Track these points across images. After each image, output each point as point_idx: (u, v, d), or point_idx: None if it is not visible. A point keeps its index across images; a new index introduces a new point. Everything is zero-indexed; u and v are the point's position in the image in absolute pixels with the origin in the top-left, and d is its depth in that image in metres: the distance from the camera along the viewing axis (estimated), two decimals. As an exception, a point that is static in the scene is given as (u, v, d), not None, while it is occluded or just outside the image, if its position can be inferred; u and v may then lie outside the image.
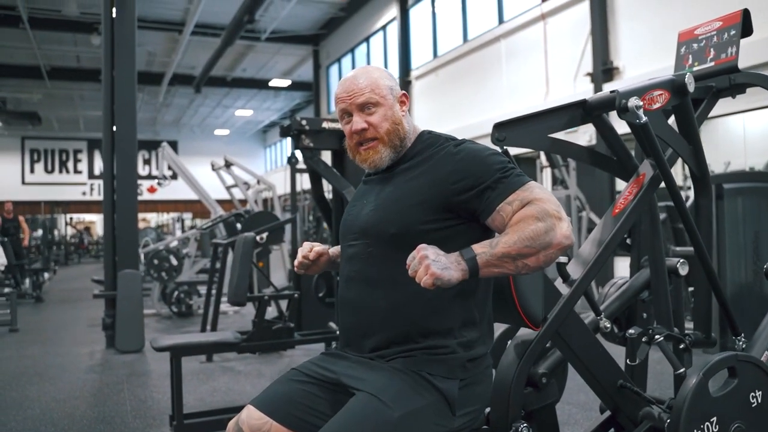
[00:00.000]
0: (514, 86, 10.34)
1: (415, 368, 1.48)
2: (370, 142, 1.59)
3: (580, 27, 8.88)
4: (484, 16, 11.30)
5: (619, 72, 8.34)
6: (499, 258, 1.34)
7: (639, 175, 2.07)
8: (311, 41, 18.27)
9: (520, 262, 1.35)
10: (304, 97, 22.70)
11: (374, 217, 1.56)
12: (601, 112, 2.11)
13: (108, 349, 6.00)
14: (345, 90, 1.60)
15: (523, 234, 1.35)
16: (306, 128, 3.82)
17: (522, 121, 2.10)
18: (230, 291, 3.70)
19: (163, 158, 8.59)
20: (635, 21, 8.14)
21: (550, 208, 1.38)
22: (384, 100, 1.59)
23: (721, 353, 1.71)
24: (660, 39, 7.67)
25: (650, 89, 1.81)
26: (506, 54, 10.63)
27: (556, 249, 1.36)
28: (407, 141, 1.62)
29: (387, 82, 1.61)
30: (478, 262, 1.34)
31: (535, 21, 9.89)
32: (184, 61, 17.61)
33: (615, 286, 2.53)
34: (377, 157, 1.58)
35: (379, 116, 1.58)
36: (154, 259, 7.82)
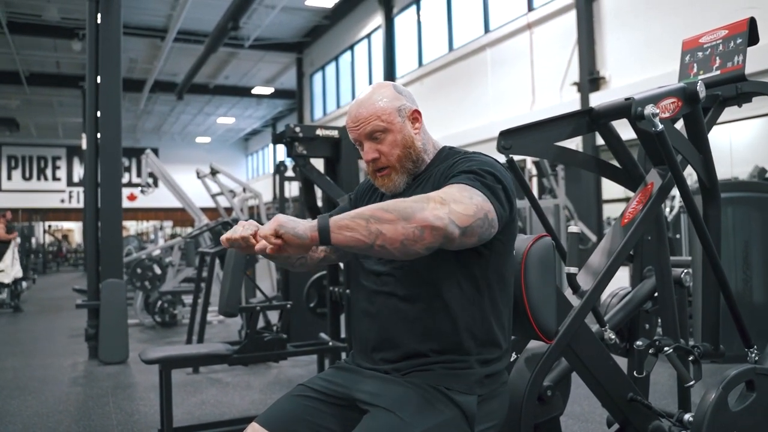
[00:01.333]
0: (500, 95, 10.38)
1: (432, 383, 1.43)
2: (383, 170, 1.56)
3: (566, 37, 8.95)
4: (470, 25, 11.35)
5: (606, 82, 8.41)
6: (352, 218, 1.24)
7: (647, 184, 2.05)
8: (295, 49, 18.23)
9: (373, 227, 1.23)
10: (286, 105, 22.63)
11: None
12: (610, 120, 2.10)
13: (91, 360, 5.86)
14: (353, 119, 1.56)
15: (388, 203, 1.28)
16: (299, 135, 3.77)
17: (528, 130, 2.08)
18: (221, 301, 3.62)
19: (146, 165, 8.47)
20: (622, 31, 8.22)
21: (435, 195, 1.31)
22: (392, 126, 1.54)
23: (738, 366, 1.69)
24: (646, 49, 7.75)
25: (664, 97, 1.79)
26: (492, 63, 10.68)
27: (418, 224, 1.24)
28: (424, 159, 1.58)
29: (394, 104, 1.55)
30: (329, 221, 1.24)
31: (521, 30, 9.95)
32: (166, 67, 17.46)
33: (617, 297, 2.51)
34: (392, 185, 1.56)
35: (389, 144, 1.54)
36: (137, 268, 7.69)
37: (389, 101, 1.55)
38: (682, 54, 2.30)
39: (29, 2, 13.42)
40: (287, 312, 3.95)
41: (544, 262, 1.68)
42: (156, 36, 15.43)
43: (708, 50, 2.23)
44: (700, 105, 1.90)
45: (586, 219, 8.14)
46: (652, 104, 1.72)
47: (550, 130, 2.07)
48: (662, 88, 1.84)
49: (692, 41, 2.30)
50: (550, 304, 1.70)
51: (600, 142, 7.83)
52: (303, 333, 4.82)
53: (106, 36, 6.04)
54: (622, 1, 8.23)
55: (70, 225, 29.65)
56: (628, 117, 1.80)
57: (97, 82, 6.08)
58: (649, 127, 1.69)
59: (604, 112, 2.00)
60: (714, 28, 2.22)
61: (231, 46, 16.03)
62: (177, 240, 8.86)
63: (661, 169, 1.99)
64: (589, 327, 1.98)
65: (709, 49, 2.23)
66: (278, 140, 3.95)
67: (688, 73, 2.28)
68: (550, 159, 2.72)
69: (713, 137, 2.06)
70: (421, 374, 1.45)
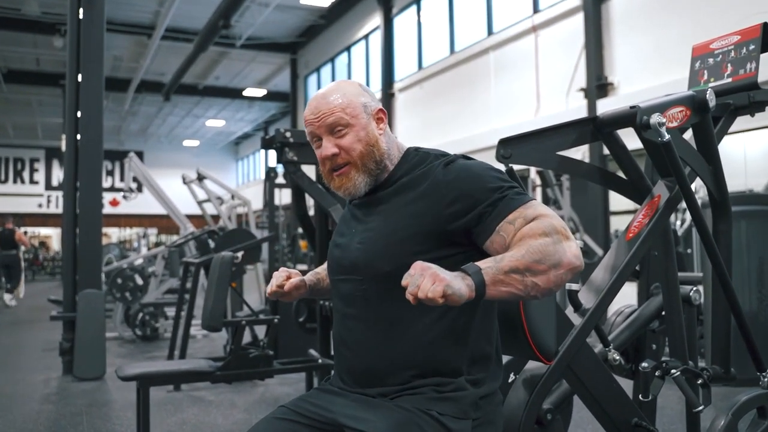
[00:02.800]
0: (504, 101, 10.41)
1: (422, 407, 1.41)
2: (342, 167, 1.51)
3: (573, 40, 8.99)
4: (473, 27, 11.41)
5: (614, 88, 8.45)
6: (507, 273, 1.25)
7: (653, 196, 2.04)
8: (289, 49, 18.29)
9: (529, 280, 1.26)
10: (279, 108, 22.68)
11: (365, 254, 1.49)
12: (614, 129, 2.10)
13: (65, 376, 5.82)
14: (312, 111, 1.53)
15: (532, 248, 1.28)
16: (290, 141, 3.77)
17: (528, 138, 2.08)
18: (205, 315, 3.61)
19: (129, 169, 8.45)
20: (631, 35, 8.26)
21: (558, 223, 1.33)
22: (356, 120, 1.51)
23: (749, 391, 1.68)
24: (657, 54, 7.79)
25: (671, 105, 1.79)
26: (495, 67, 10.72)
27: (566, 269, 1.28)
28: (387, 162, 1.54)
29: (360, 99, 1.53)
30: (485, 277, 1.24)
31: (526, 33, 10.00)
32: (152, 67, 17.50)
33: (622, 315, 2.50)
34: (350, 185, 1.51)
35: (351, 138, 1.50)
36: (117, 278, 7.66)
37: (354, 96, 1.53)
38: (692, 60, 2.30)
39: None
40: (275, 327, 3.93)
41: (543, 278, 1.68)
42: (143, 33, 15.47)
43: (719, 57, 2.23)
44: (709, 114, 1.90)
45: (592, 231, 8.14)
46: (659, 113, 1.72)
47: (553, 138, 2.08)
48: (670, 96, 1.84)
49: (703, 47, 2.31)
50: (549, 322, 1.70)
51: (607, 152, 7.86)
52: (291, 349, 4.79)
53: (88, 32, 6.04)
54: (632, 4, 8.28)
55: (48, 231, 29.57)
56: (633, 126, 1.80)
57: (78, 81, 6.07)
58: (656, 137, 1.69)
59: (609, 120, 2.00)
60: (725, 34, 2.23)
61: (222, 45, 16.08)
62: (160, 249, 8.83)
63: (668, 180, 1.99)
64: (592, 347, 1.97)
65: (720, 55, 2.23)
66: (268, 145, 3.95)
67: (699, 80, 2.29)
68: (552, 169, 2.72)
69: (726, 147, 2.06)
70: (410, 398, 1.43)
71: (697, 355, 2.28)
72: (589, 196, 8.49)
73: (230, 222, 8.69)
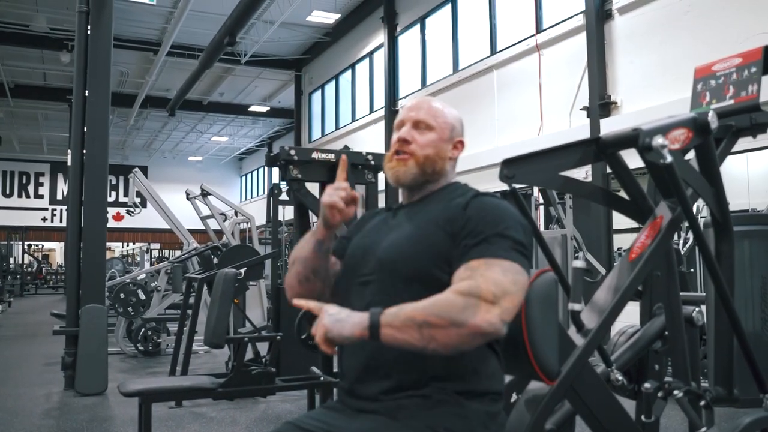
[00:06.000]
0: (507, 119, 10.45)
1: (430, 423, 1.42)
2: (404, 154, 1.64)
3: (576, 59, 9.03)
4: (477, 46, 11.47)
5: (617, 107, 8.47)
6: (403, 320, 1.33)
7: (656, 217, 2.06)
8: (293, 66, 18.40)
9: (425, 331, 1.32)
10: (284, 124, 22.78)
11: (391, 253, 1.56)
12: (617, 150, 2.11)
13: (67, 390, 5.81)
14: (415, 104, 1.70)
15: (437, 302, 1.35)
16: (294, 158, 3.80)
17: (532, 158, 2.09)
18: (207, 331, 3.61)
19: (134, 184, 8.49)
20: (634, 55, 8.30)
21: (486, 289, 1.35)
22: (440, 131, 1.66)
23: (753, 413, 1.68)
24: (661, 73, 7.82)
25: (673, 127, 1.81)
26: (499, 85, 10.77)
27: (471, 331, 1.32)
28: (441, 179, 1.67)
29: (452, 121, 1.70)
30: (381, 319, 1.34)
31: (529, 52, 10.05)
32: (158, 82, 17.62)
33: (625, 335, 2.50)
34: (403, 170, 1.64)
35: (427, 139, 1.65)
36: (120, 293, 7.67)
37: (450, 116, 1.70)
38: (695, 82, 2.32)
39: (17, 11, 13.59)
40: (277, 343, 3.92)
41: (546, 298, 1.68)
42: (148, 49, 15.59)
43: (721, 78, 2.25)
44: (711, 136, 1.92)
45: (595, 250, 8.12)
46: (661, 135, 1.73)
47: (556, 159, 2.09)
48: (672, 118, 1.86)
49: (705, 69, 2.33)
50: (552, 342, 1.70)
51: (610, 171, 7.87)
52: (293, 366, 4.78)
53: (95, 48, 6.11)
54: (636, 23, 8.33)
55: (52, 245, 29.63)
56: (635, 147, 1.82)
57: (84, 96, 6.13)
58: (658, 159, 1.71)
59: (612, 141, 2.02)
60: (727, 57, 2.25)
61: (227, 62, 16.18)
62: (163, 264, 8.84)
63: (671, 201, 2.00)
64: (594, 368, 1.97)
65: (722, 77, 2.25)
66: (272, 162, 3.97)
67: (701, 102, 2.31)
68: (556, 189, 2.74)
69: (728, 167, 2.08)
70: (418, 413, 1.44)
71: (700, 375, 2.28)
72: (592, 215, 8.49)
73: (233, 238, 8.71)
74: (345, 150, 4.19)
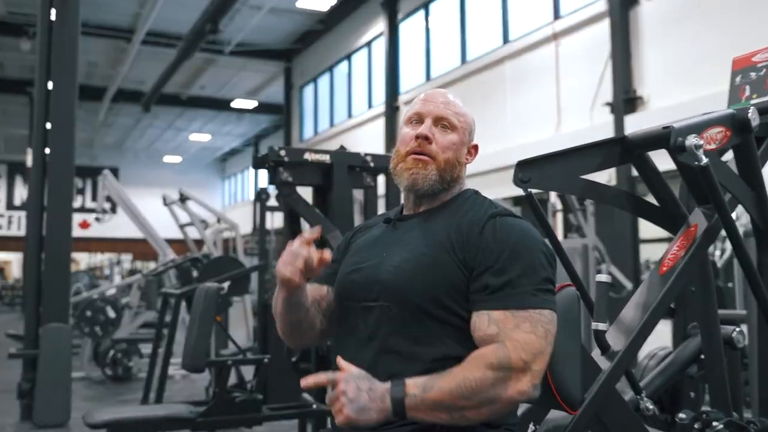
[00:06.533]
0: (521, 116, 10.47)
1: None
2: (424, 155, 1.62)
3: (598, 49, 9.06)
4: (487, 35, 11.51)
5: (644, 102, 8.49)
6: (431, 406, 1.38)
7: (690, 226, 2.05)
8: (283, 57, 18.45)
9: (456, 414, 1.39)
10: (272, 121, 22.82)
11: (398, 280, 1.55)
12: (646, 151, 2.11)
13: (23, 422, 5.77)
14: (432, 95, 1.69)
15: (465, 383, 1.39)
16: (285, 160, 3.80)
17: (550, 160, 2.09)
18: (186, 353, 3.60)
19: (103, 188, 8.49)
20: (664, 44, 8.32)
21: (516, 358, 1.40)
22: (462, 132, 1.68)
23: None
24: (693, 65, 7.82)
25: (709, 125, 1.81)
26: (512, 79, 10.80)
27: (503, 405, 1.41)
28: (455, 187, 1.68)
29: (471, 122, 1.72)
30: (406, 404, 1.39)
31: (545, 41, 10.08)
32: (131, 74, 17.63)
33: (656, 359, 2.50)
34: (423, 173, 1.62)
35: (449, 141, 1.65)
36: (86, 311, 7.64)
37: (470, 117, 1.73)
38: (732, 74, 2.32)
39: (-30, -7, 13.60)
40: (264, 367, 3.91)
41: (567, 316, 1.68)
42: (121, 37, 15.61)
43: (762, 70, 2.25)
44: (752, 135, 1.92)
45: (620, 262, 8.12)
46: (695, 134, 1.73)
47: (576, 160, 2.09)
48: (707, 116, 1.85)
49: (744, 60, 2.32)
50: (574, 366, 1.70)
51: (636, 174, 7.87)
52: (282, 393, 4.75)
53: (60, 35, 6.09)
54: (665, 9, 8.35)
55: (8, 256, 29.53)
56: (666, 148, 1.82)
57: (47, 89, 6.12)
58: (692, 161, 1.70)
59: (639, 141, 2.01)
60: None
61: (209, 52, 16.22)
62: (136, 278, 8.83)
63: (706, 208, 2.00)
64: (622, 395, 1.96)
65: (764, 69, 2.25)
66: (260, 164, 3.97)
67: (739, 96, 2.30)
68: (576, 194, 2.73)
69: (767, 170, 2.07)
70: None
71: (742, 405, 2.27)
72: (616, 222, 8.50)
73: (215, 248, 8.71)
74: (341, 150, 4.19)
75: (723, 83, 4.00)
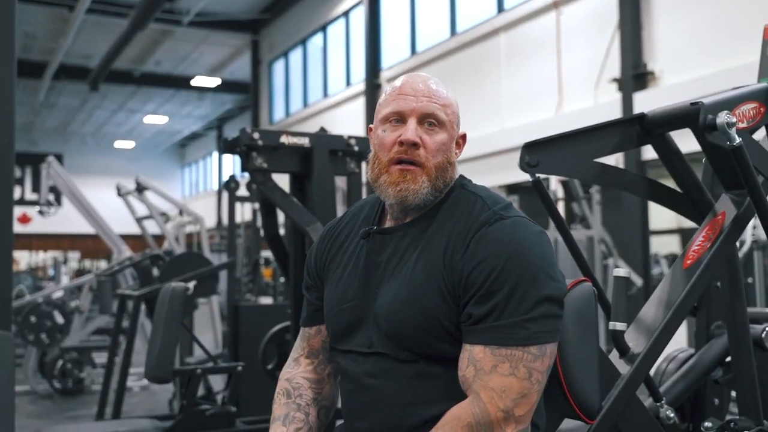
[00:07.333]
0: (518, 94, 10.50)
1: None
2: (411, 164, 1.54)
3: (604, 19, 9.10)
4: (480, 3, 11.52)
5: (655, 78, 8.55)
6: None
7: (717, 214, 2.08)
8: (249, 29, 18.36)
9: None
10: (237, 101, 22.71)
11: (393, 324, 1.52)
12: (667, 131, 2.13)
13: (-37, 441, 5.74)
14: (412, 87, 1.57)
15: None
16: (258, 144, 3.76)
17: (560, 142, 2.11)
18: (149, 362, 3.58)
19: (47, 177, 8.40)
20: (677, 12, 8.37)
21: (493, 411, 1.40)
22: (450, 127, 1.59)
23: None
24: (711, 36, 7.87)
25: (741, 101, 1.83)
26: (507, 52, 10.82)
27: None
28: (445, 190, 1.59)
29: (458, 111, 1.62)
30: None
31: (545, 10, 10.10)
32: (75, 48, 17.46)
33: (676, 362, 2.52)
34: (414, 188, 1.53)
35: (438, 142, 1.56)
36: (30, 316, 7.57)
37: (456, 105, 1.62)
38: (764, 44, 2.34)
39: None
40: (237, 376, 3.91)
41: (583, 316, 1.69)
42: (63, 5, 15.40)
43: (797, 41, 2.28)
44: (787, 112, 1.94)
45: (628, 255, 8.19)
46: (727, 111, 1.75)
47: (589, 142, 2.11)
48: (739, 90, 1.88)
49: (776, 28, 2.35)
50: (591, 371, 1.71)
51: (647, 157, 7.93)
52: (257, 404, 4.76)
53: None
54: (679, -26, 8.41)
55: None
56: (693, 127, 1.83)
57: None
58: (723, 141, 1.72)
59: (662, 119, 2.03)
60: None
61: (165, 22, 16.09)
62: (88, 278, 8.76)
63: (735, 194, 2.03)
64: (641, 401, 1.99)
65: (798, 38, 2.28)
66: (230, 149, 3.94)
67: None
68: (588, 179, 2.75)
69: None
70: None
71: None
72: (624, 212, 8.56)
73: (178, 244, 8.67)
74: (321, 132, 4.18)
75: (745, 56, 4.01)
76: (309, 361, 1.73)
